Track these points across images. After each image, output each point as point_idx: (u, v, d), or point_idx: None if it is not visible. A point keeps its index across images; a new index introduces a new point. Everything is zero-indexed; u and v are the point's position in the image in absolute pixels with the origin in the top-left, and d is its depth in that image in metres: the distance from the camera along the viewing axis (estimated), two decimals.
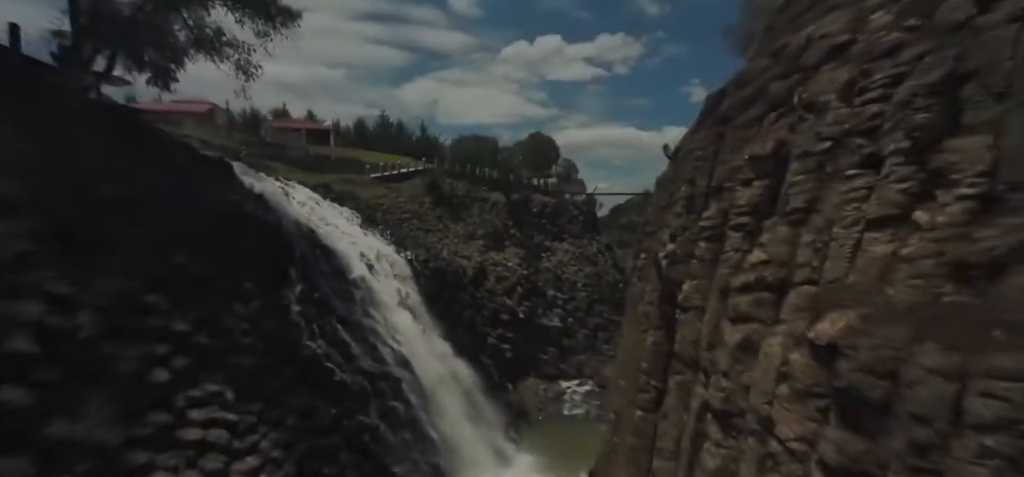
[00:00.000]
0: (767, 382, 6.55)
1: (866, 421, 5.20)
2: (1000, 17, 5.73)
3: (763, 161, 8.61)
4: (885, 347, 5.18)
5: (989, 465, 4.17)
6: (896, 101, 6.36)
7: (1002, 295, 4.77)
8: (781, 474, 6.03)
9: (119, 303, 11.71)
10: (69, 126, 14.09)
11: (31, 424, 8.56)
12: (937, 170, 5.77)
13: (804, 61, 9.20)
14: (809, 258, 7.04)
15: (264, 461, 13.49)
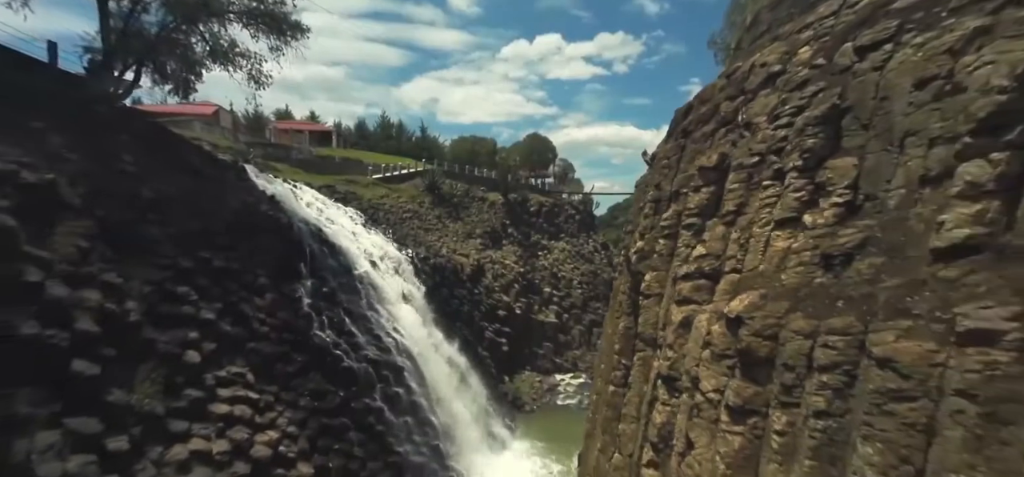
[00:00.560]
0: (696, 349, 8.36)
1: (756, 372, 7.02)
2: (868, 65, 7.54)
3: (709, 171, 10.43)
4: (770, 317, 7.00)
5: (824, 394, 5.99)
6: (796, 127, 8.16)
7: (848, 277, 6.59)
8: (703, 418, 7.84)
9: (157, 293, 13.56)
10: (106, 135, 15.95)
11: (98, 390, 10.40)
12: (820, 183, 7.59)
13: (747, 85, 11.01)
14: (735, 252, 8.86)
15: (282, 435, 15.32)
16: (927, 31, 6.84)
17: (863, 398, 5.51)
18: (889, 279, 6.02)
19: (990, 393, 4.51)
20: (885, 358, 5.28)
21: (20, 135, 12.10)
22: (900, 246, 6.18)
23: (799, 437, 6.24)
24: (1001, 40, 5.67)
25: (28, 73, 16.14)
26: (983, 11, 6.21)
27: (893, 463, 5.00)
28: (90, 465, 9.58)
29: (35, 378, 9.25)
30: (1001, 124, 5.31)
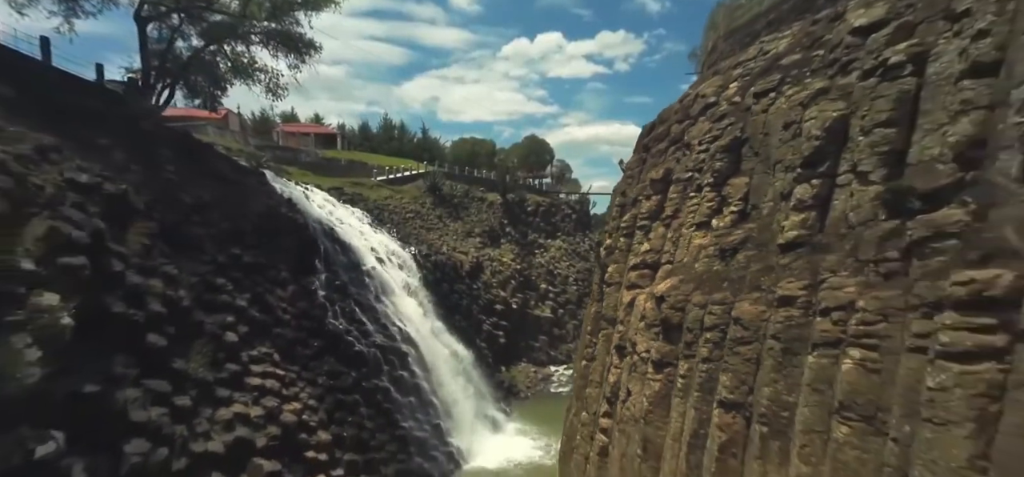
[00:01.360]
0: (636, 322, 11.08)
1: (670, 335, 9.74)
2: (760, 107, 10.23)
3: (657, 182, 13.14)
4: (681, 295, 9.72)
5: (708, 347, 8.69)
6: (710, 152, 10.87)
7: (733, 265, 9.30)
8: (637, 372, 10.56)
9: (202, 283, 16.33)
10: (151, 147, 18.73)
11: (165, 359, 13.16)
12: (724, 196, 10.29)
13: (691, 111, 13.71)
14: (669, 247, 11.57)
15: (304, 407, 18.07)
16: (795, 86, 9.54)
17: (726, 346, 8.22)
18: (754, 266, 8.73)
19: (787, 336, 7.23)
20: (738, 318, 8.00)
21: (94, 151, 14.86)
22: (765, 242, 8.89)
23: (693, 378, 8.96)
24: (825, 100, 8.37)
25: (82, 94, 18.96)
26: (825, 75, 8.91)
27: (736, 385, 7.72)
28: (164, 416, 12.36)
29: (124, 347, 12.01)
30: (817, 160, 8.03)
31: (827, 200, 7.83)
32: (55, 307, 9.84)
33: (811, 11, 11.61)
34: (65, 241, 10.72)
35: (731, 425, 7.64)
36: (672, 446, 8.90)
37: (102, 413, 10.69)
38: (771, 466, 6.95)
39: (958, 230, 5.67)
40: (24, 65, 18.09)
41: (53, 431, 9.24)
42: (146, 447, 11.44)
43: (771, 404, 7.11)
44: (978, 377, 4.78)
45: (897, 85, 7.07)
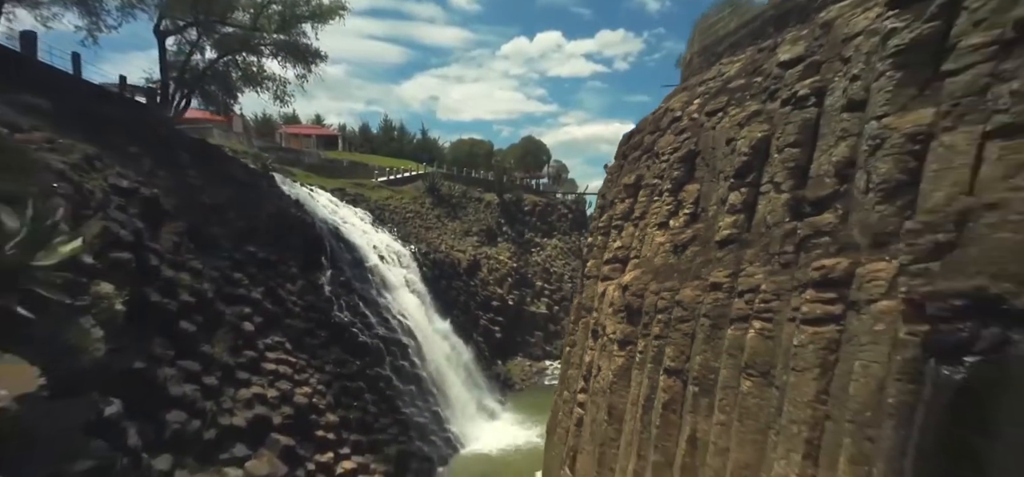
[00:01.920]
0: (607, 308, 12.96)
1: (632, 318, 11.62)
2: (711, 124, 12.10)
3: (630, 187, 15.02)
4: (641, 284, 11.60)
5: (659, 326, 10.57)
6: (670, 162, 12.75)
7: (683, 259, 11.17)
8: (606, 352, 12.43)
9: (222, 277, 18.23)
10: (173, 153, 20.62)
11: (195, 343, 15.06)
12: (680, 200, 12.16)
13: (661, 123, 15.57)
14: (636, 245, 13.45)
15: (314, 391, 19.97)
16: (737, 107, 11.40)
17: (671, 325, 10.11)
18: (698, 259, 10.62)
19: (715, 314, 9.12)
20: (680, 301, 9.89)
21: (128, 159, 16.74)
22: (708, 240, 10.77)
23: (647, 353, 10.84)
24: (755, 122, 10.24)
25: (109, 104, 20.87)
26: (759, 100, 10.78)
27: (677, 355, 9.62)
28: (196, 391, 14.27)
29: (161, 331, 13.90)
30: (746, 172, 9.91)
31: (753, 205, 9.70)
32: (111, 295, 11.68)
33: (762, 38, 13.48)
34: (115, 239, 12.59)
35: (672, 387, 9.53)
36: (631, 409, 10.79)
37: (147, 386, 12.58)
38: (700, 418, 8.83)
39: (830, 229, 7.55)
40: (57, 78, 20.02)
41: (112, 398, 11.10)
42: (183, 417, 13.35)
43: (701, 369, 9.00)
44: (822, 336, 6.65)
45: (803, 113, 8.93)
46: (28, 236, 6.94)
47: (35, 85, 17.09)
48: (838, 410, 6.24)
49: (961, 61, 6.20)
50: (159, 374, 13.13)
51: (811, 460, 6.47)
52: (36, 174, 11.10)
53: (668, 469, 9.31)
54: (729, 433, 8.17)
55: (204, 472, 13.43)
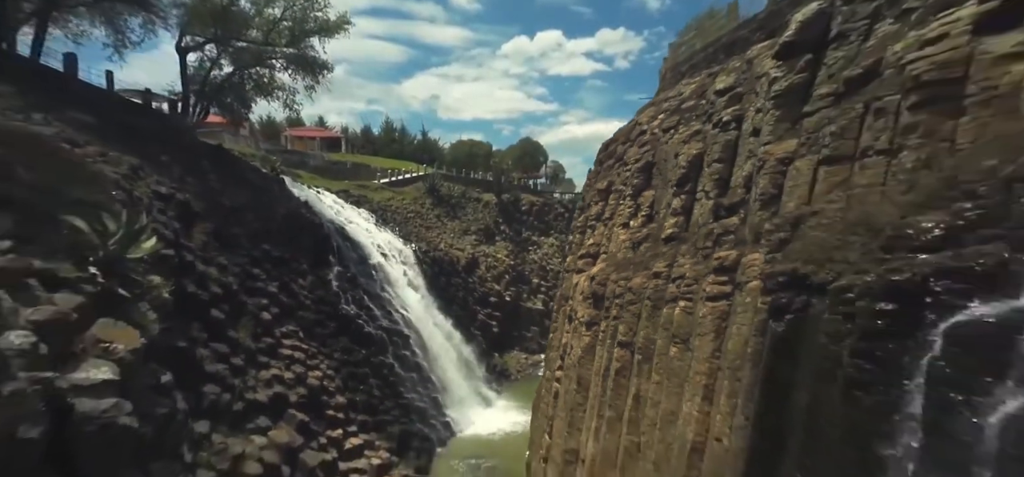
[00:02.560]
0: (579, 296, 15.34)
1: (597, 302, 14.01)
2: (665, 139, 14.46)
3: (603, 191, 17.41)
4: (605, 275, 13.99)
5: (617, 308, 12.95)
6: (632, 170, 15.13)
7: (639, 253, 13.56)
8: (577, 333, 14.81)
9: (243, 272, 20.66)
10: (196, 160, 23.07)
11: (223, 329, 17.49)
12: (638, 204, 14.54)
13: (631, 136, 17.94)
14: (605, 242, 15.83)
15: (324, 375, 22.40)
16: (684, 126, 13.77)
17: (624, 307, 12.50)
18: (649, 253, 13.00)
19: (655, 297, 11.51)
20: (631, 288, 12.29)
21: (161, 167, 19.17)
22: (657, 237, 13.16)
23: (608, 331, 13.23)
24: (694, 140, 12.61)
25: (139, 115, 23.34)
26: (701, 121, 13.14)
27: (627, 331, 12.01)
28: (226, 370, 16.70)
29: (196, 317, 16.34)
30: (685, 182, 12.28)
31: (690, 209, 12.08)
32: (160, 285, 14.02)
33: (715, 63, 15.85)
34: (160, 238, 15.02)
35: (623, 357, 11.91)
36: (594, 379, 13.19)
37: (189, 363, 15.01)
38: (642, 380, 11.22)
39: (734, 229, 9.92)
40: (95, 94, 22.50)
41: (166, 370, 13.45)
42: (217, 390, 15.80)
43: (644, 341, 11.38)
44: (718, 309, 9.02)
45: (726, 135, 11.29)
46: (123, 235, 9.35)
47: (78, 101, 19.55)
48: (723, 362, 8.63)
49: (814, 105, 8.58)
50: (197, 353, 15.58)
51: (707, 401, 8.86)
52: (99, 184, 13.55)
53: (618, 422, 11.69)
54: (661, 389, 10.56)
55: (235, 437, 15.86)
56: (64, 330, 7.55)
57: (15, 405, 6.00)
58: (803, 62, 9.10)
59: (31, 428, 6.19)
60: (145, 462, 7.81)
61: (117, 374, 7.74)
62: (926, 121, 6.64)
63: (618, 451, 11.51)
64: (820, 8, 9.21)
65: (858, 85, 7.87)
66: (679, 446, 9.25)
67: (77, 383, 7.05)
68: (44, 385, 6.55)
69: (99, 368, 7.56)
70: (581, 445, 13.24)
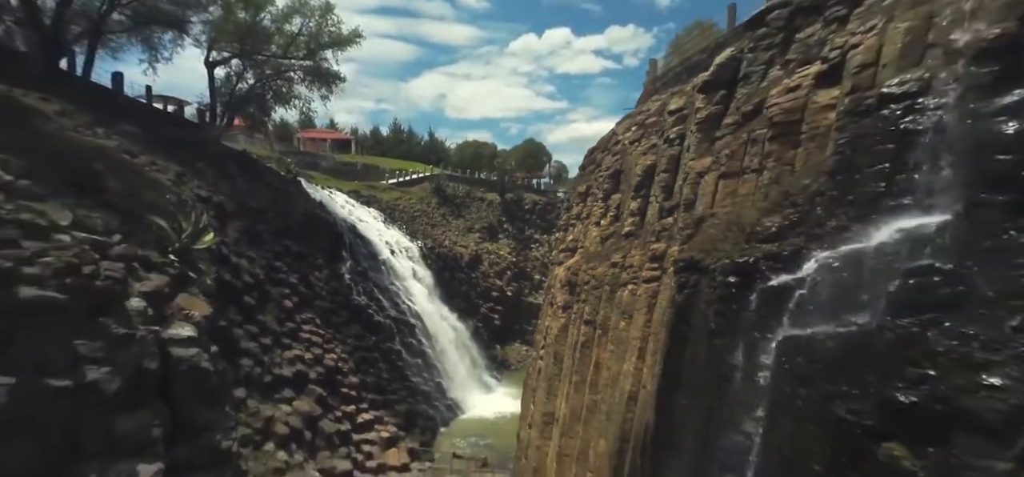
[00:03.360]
0: (556, 283, 18.09)
1: (571, 289, 16.79)
2: (631, 150, 17.17)
3: (582, 194, 20.15)
4: (578, 265, 16.77)
5: (586, 293, 15.71)
6: (604, 176, 17.86)
7: (606, 247, 16.30)
8: (557, 316, 17.56)
9: (267, 265, 23.71)
10: (223, 165, 26.16)
11: (254, 313, 20.51)
12: (608, 206, 17.28)
13: (610, 145, 20.63)
14: (582, 237, 18.58)
15: (339, 357, 25.41)
16: (645, 140, 16.47)
17: (590, 291, 15.26)
18: (612, 247, 15.74)
19: (612, 283, 14.28)
20: (594, 275, 15.06)
21: (198, 172, 22.24)
22: (620, 233, 15.89)
23: (578, 313, 15.98)
24: (650, 152, 15.32)
25: (175, 126, 26.49)
26: (656, 137, 15.83)
27: (591, 311, 14.78)
28: (257, 347, 19.72)
29: (232, 302, 19.35)
30: (641, 187, 15.02)
31: (644, 211, 14.80)
32: (207, 272, 16.99)
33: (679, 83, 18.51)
34: None
35: (588, 332, 14.68)
36: (568, 353, 15.98)
37: (228, 340, 18.00)
38: (601, 350, 13.97)
39: (670, 227, 12.63)
40: (137, 107, 25.68)
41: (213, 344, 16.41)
42: (250, 364, 18.82)
43: (603, 318, 14.14)
44: (651, 288, 11.75)
45: (672, 150, 13.99)
46: (191, 232, 12.29)
47: (124, 115, 22.71)
48: (651, 329, 11.38)
49: (722, 132, 11.28)
50: (234, 332, 18.60)
51: (640, 359, 11.60)
52: (158, 189, 16.57)
53: (583, 385, 14.46)
54: (612, 356, 13.31)
55: (265, 403, 18.86)
56: (160, 299, 10.65)
57: (141, 346, 9.04)
58: (718, 96, 11.79)
59: (152, 362, 9.25)
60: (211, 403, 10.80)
61: (194, 332, 10.82)
62: (777, 150, 9.30)
63: (582, 408, 14.28)
64: (733, 54, 11.88)
65: (748, 118, 10.51)
66: (620, 396, 11.99)
67: (171, 336, 10.14)
68: (154, 335, 9.60)
69: (184, 327, 10.67)
70: (556, 408, 16.03)
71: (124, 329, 8.84)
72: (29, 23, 22.02)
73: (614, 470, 11.71)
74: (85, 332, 8.03)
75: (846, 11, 9.52)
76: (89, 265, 8.60)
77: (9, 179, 8.75)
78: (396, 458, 24.20)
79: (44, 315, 7.36)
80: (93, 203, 11.09)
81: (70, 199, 10.38)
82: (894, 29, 7.89)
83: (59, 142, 14.44)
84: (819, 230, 7.77)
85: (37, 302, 7.28)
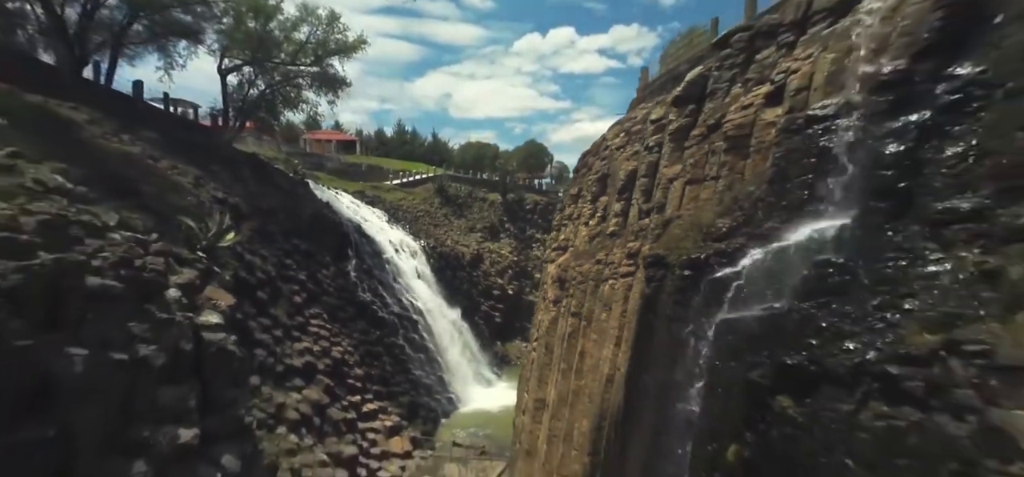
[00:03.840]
0: (549, 280, 19.52)
1: (562, 286, 18.24)
2: (618, 156, 18.59)
3: (574, 196, 21.59)
4: (569, 263, 18.21)
5: (573, 288, 17.15)
6: (591, 180, 19.28)
7: (592, 244, 17.72)
8: (548, 310, 18.99)
9: (278, 263, 25.26)
10: (236, 168, 27.74)
11: (266, 307, 22.07)
12: (596, 207, 18.71)
13: (599, 150, 22.04)
14: (573, 237, 20.02)
15: (345, 351, 26.94)
16: (629, 146, 17.88)
17: (577, 286, 16.70)
18: (598, 245, 17.17)
19: (596, 278, 15.71)
20: (589, 270, 16.50)
21: (213, 175, 23.82)
22: (605, 233, 17.31)
23: (567, 306, 17.42)
24: (632, 159, 16.74)
25: (191, 131, 28.12)
26: (638, 144, 17.24)
27: (577, 303, 16.22)
28: (270, 339, 21.26)
29: (246, 296, 20.90)
30: (624, 191, 16.45)
31: (627, 212, 16.22)
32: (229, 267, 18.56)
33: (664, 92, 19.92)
34: None
35: (574, 324, 16.13)
36: (557, 343, 17.43)
37: (244, 331, 19.54)
38: (585, 339, 15.41)
39: (646, 227, 14.05)
40: (155, 113, 27.31)
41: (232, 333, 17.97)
42: (264, 353, 20.37)
43: (587, 311, 15.58)
44: (626, 282, 13.17)
45: (651, 156, 15.40)
46: (216, 230, 13.82)
47: (145, 121, 24.33)
48: (626, 318, 12.81)
49: (690, 142, 12.69)
50: (249, 324, 20.15)
51: (616, 346, 13.03)
52: (181, 192, 18.15)
53: (569, 372, 15.90)
54: (595, 344, 14.74)
55: (278, 391, 20.40)
56: (192, 290, 12.20)
57: (179, 329, 10.56)
58: (689, 109, 13.19)
59: (187, 343, 10.76)
60: (235, 383, 12.32)
61: (221, 320, 12.34)
62: (731, 160, 10.68)
63: (569, 393, 15.71)
64: (701, 72, 13.28)
65: (711, 131, 11.89)
66: (599, 380, 13.42)
67: (202, 322, 11.67)
68: (189, 321, 11.13)
69: (212, 315, 12.20)
70: (546, 394, 17.48)
71: (165, 314, 10.36)
72: (56, 35, 23.65)
73: (593, 445, 13.14)
74: (136, 315, 9.55)
75: (794, 38, 10.90)
76: (137, 259, 10.15)
77: (70, 187, 10.28)
78: (399, 446, 25.73)
79: (106, 300, 8.88)
80: (132, 206, 12.64)
81: (114, 202, 11.93)
82: (823, 58, 9.29)
83: (94, 150, 16.03)
84: (758, 230, 9.18)
85: (100, 289, 8.80)
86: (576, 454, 14.27)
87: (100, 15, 25.01)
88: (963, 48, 7.19)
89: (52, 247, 8.16)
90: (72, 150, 13.59)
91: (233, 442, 11.77)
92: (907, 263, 6.20)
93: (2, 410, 6.80)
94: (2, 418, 6.78)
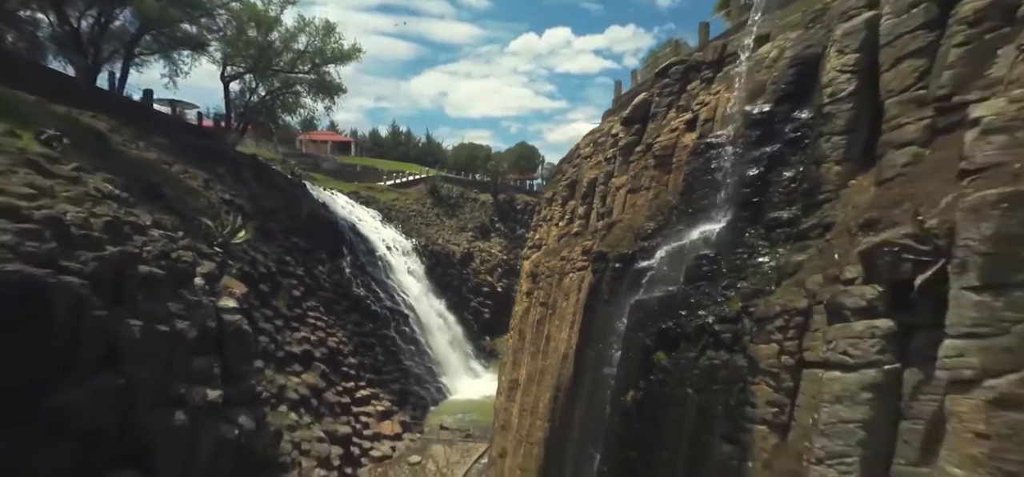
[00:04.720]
0: (525, 275, 22.04)
1: (533, 279, 20.78)
2: (583, 165, 21.13)
3: (548, 199, 24.14)
4: (540, 259, 20.76)
5: (542, 281, 19.69)
6: (562, 186, 21.84)
7: (560, 242, 20.28)
8: (523, 301, 21.50)
9: (279, 259, 27.73)
10: (238, 170, 30.19)
11: (268, 299, 24.51)
12: (565, 210, 21.25)
13: (571, 158, 24.58)
14: (546, 236, 22.57)
15: (340, 341, 29.42)
16: (594, 156, 20.42)
17: (545, 279, 19.24)
18: (565, 245, 19.72)
19: (560, 271, 18.28)
20: (555, 265, 19.06)
21: (220, 178, 26.25)
22: (570, 233, 19.86)
23: (537, 297, 19.95)
24: (596, 167, 19.29)
25: (197, 135, 30.54)
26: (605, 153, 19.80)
27: (545, 294, 18.79)
28: (272, 328, 23.71)
29: (250, 288, 23.32)
30: (586, 195, 19.01)
31: (589, 215, 18.77)
32: (240, 260, 21.10)
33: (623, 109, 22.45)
34: None
35: (542, 312, 18.67)
36: (529, 330, 19.97)
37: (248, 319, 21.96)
38: (550, 325, 17.96)
39: (601, 228, 16.59)
40: (164, 119, 29.73)
41: None
42: (267, 340, 22.83)
43: (552, 300, 18.13)
44: (581, 275, 15.72)
45: (608, 166, 17.93)
46: (230, 229, 16.29)
47: (155, 127, 26.77)
48: (579, 305, 15.35)
49: (634, 157, 15.24)
50: (253, 315, 22.59)
51: (571, 329, 15.58)
52: (194, 194, 20.60)
53: (537, 354, 18.43)
54: (557, 329, 17.28)
55: (279, 374, 22.87)
56: (213, 279, 14.74)
57: (205, 310, 13.09)
58: (635, 128, 15.73)
59: (211, 322, 13.30)
60: (248, 359, 14.87)
61: (237, 305, 14.89)
62: (658, 174, 13.22)
63: (537, 372, 18.26)
64: (646, 97, 15.83)
65: (648, 148, 14.42)
66: (558, 357, 15.96)
67: (222, 306, 14.22)
68: (212, 303, 13.67)
69: (229, 300, 14.74)
70: (519, 375, 20.02)
71: (194, 297, 12.88)
72: (70, 45, 26.00)
73: (551, 412, 15.68)
74: (173, 297, 12.05)
75: (713, 74, 13.46)
76: (173, 252, 12.64)
77: (118, 193, 12.76)
78: (390, 429, 28.24)
79: (152, 284, 11.37)
80: (161, 208, 15.13)
81: (147, 205, 14.42)
82: (723, 96, 11.85)
83: (122, 158, 18.48)
84: (671, 231, 11.74)
85: (148, 275, 11.29)
86: (540, 423, 16.81)
87: (112, 27, 27.43)
88: (809, 96, 9.75)
89: (115, 242, 10.64)
90: (110, 161, 16.02)
91: (247, 407, 14.34)
92: (747, 256, 8.76)
93: (88, 362, 9.29)
94: (89, 368, 9.28)
